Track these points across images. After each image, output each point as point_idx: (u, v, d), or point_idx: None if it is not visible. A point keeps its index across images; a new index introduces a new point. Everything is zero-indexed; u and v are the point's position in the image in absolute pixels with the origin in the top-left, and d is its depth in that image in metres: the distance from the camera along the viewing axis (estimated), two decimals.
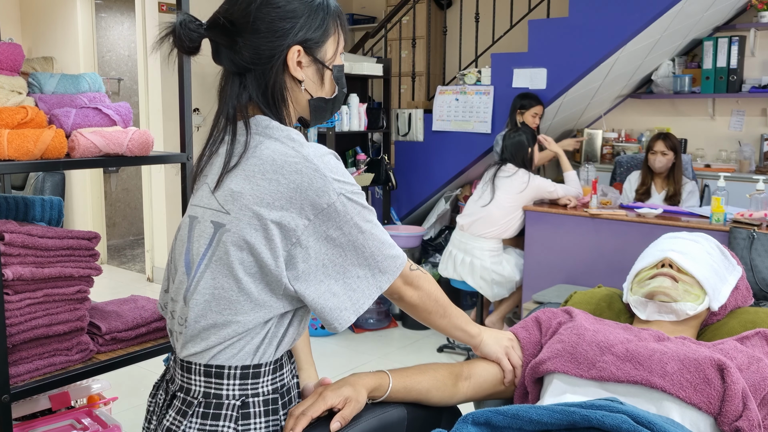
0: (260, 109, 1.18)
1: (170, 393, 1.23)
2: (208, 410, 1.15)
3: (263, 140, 1.15)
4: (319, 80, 1.22)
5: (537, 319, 1.58)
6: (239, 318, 1.12)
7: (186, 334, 1.17)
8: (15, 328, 1.50)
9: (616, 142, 5.04)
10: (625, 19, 3.87)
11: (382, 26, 5.43)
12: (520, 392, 1.50)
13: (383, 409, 1.30)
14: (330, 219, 1.11)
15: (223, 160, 1.16)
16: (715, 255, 1.61)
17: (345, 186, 1.13)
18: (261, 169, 1.12)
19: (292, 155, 1.11)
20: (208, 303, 1.14)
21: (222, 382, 1.15)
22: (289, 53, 1.16)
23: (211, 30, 1.16)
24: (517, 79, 4.38)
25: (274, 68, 1.16)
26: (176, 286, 1.21)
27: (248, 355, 1.15)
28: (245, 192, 1.11)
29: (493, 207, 3.76)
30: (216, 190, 1.16)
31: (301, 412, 1.20)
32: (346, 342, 4.14)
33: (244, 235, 1.10)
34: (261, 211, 1.09)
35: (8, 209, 1.74)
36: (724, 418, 1.22)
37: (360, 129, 4.54)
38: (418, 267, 1.28)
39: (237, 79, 1.17)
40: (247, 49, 1.14)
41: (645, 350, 1.33)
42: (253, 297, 1.12)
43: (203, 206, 1.18)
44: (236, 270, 1.11)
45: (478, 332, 1.43)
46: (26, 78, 1.66)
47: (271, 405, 1.18)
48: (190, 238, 1.19)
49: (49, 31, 5.77)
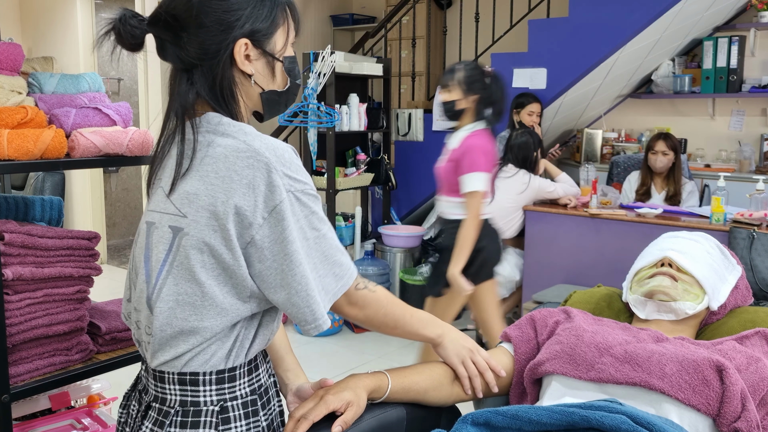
0: (210, 105, 1.14)
1: (144, 403, 1.19)
2: (187, 418, 1.12)
3: (215, 138, 1.11)
4: (270, 73, 1.17)
5: (531, 318, 1.58)
6: (205, 324, 1.08)
7: (154, 343, 1.13)
8: (15, 328, 1.50)
9: (616, 142, 5.04)
10: (625, 19, 3.87)
11: (382, 26, 5.43)
12: (517, 392, 1.50)
13: (382, 409, 1.30)
14: (283, 218, 1.06)
15: (175, 161, 1.11)
16: (714, 254, 1.61)
17: (296, 184, 1.08)
18: (214, 167, 1.08)
19: (243, 149, 1.07)
20: (172, 310, 1.10)
21: (198, 388, 1.12)
22: (235, 47, 1.11)
23: (153, 26, 1.12)
24: (517, 79, 4.38)
25: (221, 63, 1.11)
26: (138, 294, 1.16)
27: (221, 360, 1.12)
28: (200, 192, 1.07)
29: (493, 207, 3.76)
30: (171, 193, 1.12)
31: (303, 416, 1.19)
32: (346, 342, 4.14)
33: (203, 237, 1.07)
34: (217, 209, 1.06)
35: (8, 209, 1.74)
36: (723, 419, 1.22)
37: (360, 129, 4.54)
38: (366, 285, 1.21)
39: (184, 75, 1.13)
40: (192, 45, 1.10)
41: (643, 352, 1.33)
42: (218, 301, 1.08)
43: (160, 211, 1.14)
44: (198, 274, 1.07)
45: (439, 334, 1.36)
46: (26, 78, 1.66)
47: (250, 407, 1.16)
48: (148, 245, 1.15)
49: (49, 31, 5.77)
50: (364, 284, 1.21)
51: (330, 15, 6.48)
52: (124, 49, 1.13)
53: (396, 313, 1.26)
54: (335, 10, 6.55)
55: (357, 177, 4.55)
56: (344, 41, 6.66)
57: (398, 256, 4.59)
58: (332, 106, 4.26)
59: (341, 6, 6.63)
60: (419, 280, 4.39)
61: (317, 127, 4.31)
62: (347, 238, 4.63)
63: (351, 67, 4.45)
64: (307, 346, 3.97)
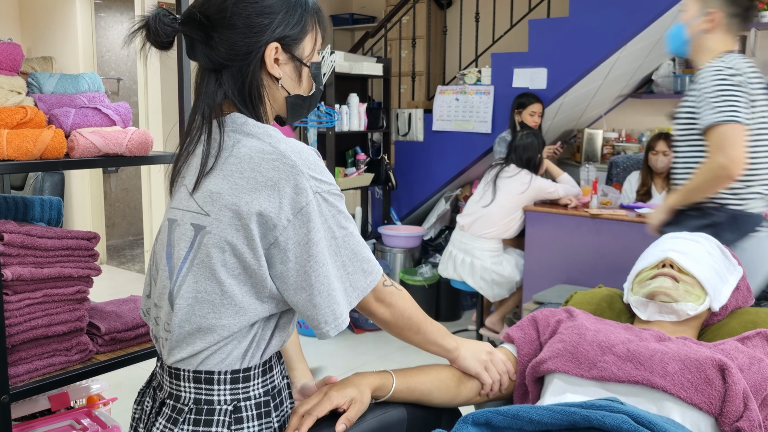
0: (236, 106, 1.15)
1: (158, 400, 1.20)
2: (200, 416, 1.13)
3: (241, 138, 1.12)
4: (297, 77, 1.20)
5: (533, 318, 1.57)
6: (223, 322, 1.09)
7: (171, 339, 1.14)
8: (14, 329, 1.50)
9: (617, 142, 5.04)
10: (626, 19, 3.87)
11: (382, 26, 5.43)
12: (520, 392, 1.50)
13: (383, 409, 1.30)
14: (309, 220, 1.07)
15: (200, 160, 1.13)
16: (715, 255, 1.60)
17: (322, 185, 1.10)
18: (239, 167, 1.09)
19: (269, 151, 1.09)
20: (191, 307, 1.11)
21: (212, 387, 1.13)
22: (266, 50, 1.13)
23: (185, 25, 1.13)
24: (517, 79, 4.38)
25: (251, 65, 1.13)
26: (159, 290, 1.18)
27: (236, 360, 1.13)
28: (224, 192, 1.09)
29: (494, 207, 3.76)
30: (194, 191, 1.13)
31: (307, 412, 1.20)
32: (346, 342, 4.13)
33: (225, 236, 1.08)
34: (240, 209, 1.07)
35: (7, 209, 1.74)
36: (725, 419, 1.21)
37: (360, 129, 4.54)
38: (392, 283, 1.25)
39: (213, 76, 1.14)
40: (223, 45, 1.12)
41: (646, 350, 1.32)
42: (237, 300, 1.09)
43: (182, 209, 1.15)
44: (219, 273, 1.08)
45: (456, 346, 1.38)
46: (25, 78, 1.66)
47: (263, 408, 1.16)
48: (170, 242, 1.16)
49: (48, 31, 5.77)
50: (390, 282, 1.24)
51: (330, 15, 6.47)
52: (153, 47, 1.15)
53: (420, 318, 1.28)
54: (335, 9, 6.55)
55: (357, 177, 4.55)
56: (344, 41, 6.66)
57: (398, 256, 4.58)
58: (332, 106, 4.26)
59: (341, 6, 6.63)
60: (419, 281, 4.38)
61: (317, 127, 4.30)
62: None
63: (351, 67, 4.45)
64: (306, 347, 3.95)
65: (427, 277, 4.40)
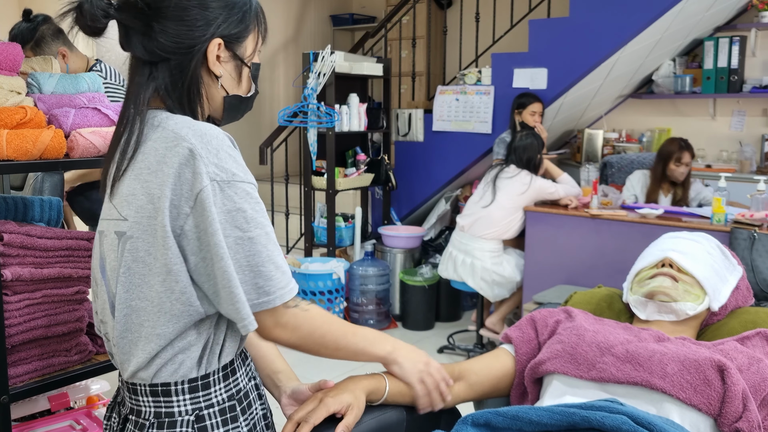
0: (164, 103, 1.09)
1: (122, 416, 1.17)
2: (162, 430, 1.09)
3: (149, 133, 1.06)
4: (237, 77, 1.16)
5: (532, 318, 1.57)
6: (158, 330, 1.05)
7: (119, 353, 1.10)
8: (14, 329, 1.50)
9: (617, 142, 5.04)
10: (626, 19, 3.87)
11: (382, 26, 5.43)
12: (518, 392, 1.50)
13: (382, 410, 1.30)
14: (204, 208, 1.00)
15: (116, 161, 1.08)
16: (715, 255, 1.60)
17: (222, 173, 1.02)
18: (146, 163, 1.04)
19: (170, 137, 1.03)
20: (128, 317, 1.07)
21: (171, 399, 1.09)
22: (210, 45, 1.09)
23: (123, 11, 1.07)
24: (517, 79, 4.38)
25: (193, 60, 1.08)
26: (101, 306, 1.14)
27: (191, 368, 1.09)
28: (137, 192, 1.04)
29: (494, 208, 3.76)
30: (112, 197, 1.08)
31: (302, 419, 1.19)
32: None
33: (144, 239, 1.03)
34: (154, 205, 1.02)
35: (7, 209, 1.74)
36: (724, 419, 1.21)
37: (360, 129, 4.54)
38: (298, 303, 1.11)
39: (146, 68, 1.08)
40: (164, 37, 1.06)
41: (645, 351, 1.32)
42: (166, 307, 1.04)
43: (106, 218, 1.11)
44: (147, 278, 1.04)
45: (389, 350, 1.26)
46: (25, 78, 1.66)
47: (228, 413, 1.13)
48: (102, 255, 1.12)
49: None
50: (295, 302, 1.11)
51: (330, 15, 6.48)
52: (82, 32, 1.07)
53: (335, 333, 1.17)
54: (335, 10, 6.55)
55: (357, 177, 4.55)
56: (344, 41, 6.66)
57: (398, 256, 4.58)
58: (332, 106, 4.26)
59: (341, 6, 6.64)
60: (419, 281, 4.38)
61: (317, 127, 4.30)
62: (347, 238, 4.63)
63: (351, 67, 4.45)
64: None
65: (427, 278, 4.40)
